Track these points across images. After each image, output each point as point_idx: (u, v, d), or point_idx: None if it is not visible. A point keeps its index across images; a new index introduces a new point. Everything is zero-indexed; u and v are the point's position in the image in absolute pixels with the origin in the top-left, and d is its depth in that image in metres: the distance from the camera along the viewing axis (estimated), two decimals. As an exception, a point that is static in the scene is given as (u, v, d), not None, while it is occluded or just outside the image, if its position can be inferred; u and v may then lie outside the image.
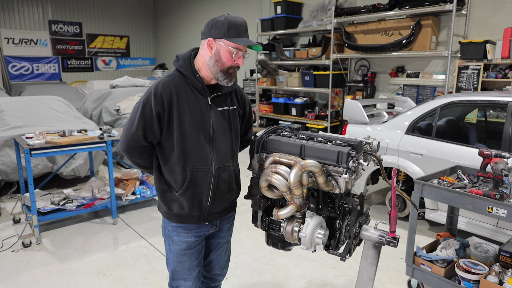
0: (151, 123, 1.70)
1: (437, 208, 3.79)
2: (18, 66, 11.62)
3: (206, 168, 1.76)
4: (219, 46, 1.69)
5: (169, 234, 1.89)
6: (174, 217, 1.84)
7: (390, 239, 1.64)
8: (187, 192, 1.76)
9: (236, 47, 1.68)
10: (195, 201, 1.78)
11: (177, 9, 12.58)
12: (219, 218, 1.93)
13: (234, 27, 1.68)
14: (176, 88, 1.72)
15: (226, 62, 1.70)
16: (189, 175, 1.74)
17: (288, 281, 3.13)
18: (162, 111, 1.70)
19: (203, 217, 1.84)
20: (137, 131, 1.72)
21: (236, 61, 1.72)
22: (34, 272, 3.23)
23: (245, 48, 1.72)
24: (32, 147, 3.61)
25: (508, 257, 2.50)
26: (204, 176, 1.76)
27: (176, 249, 1.88)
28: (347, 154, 1.56)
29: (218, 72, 1.72)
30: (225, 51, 1.69)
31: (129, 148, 1.77)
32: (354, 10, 6.50)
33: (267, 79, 8.24)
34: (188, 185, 1.75)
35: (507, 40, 4.79)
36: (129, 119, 1.77)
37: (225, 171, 1.83)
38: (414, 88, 6.25)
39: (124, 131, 1.79)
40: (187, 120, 1.72)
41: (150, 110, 1.69)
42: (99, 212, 4.51)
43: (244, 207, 4.23)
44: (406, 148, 3.95)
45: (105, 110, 6.89)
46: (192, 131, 1.72)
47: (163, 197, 1.84)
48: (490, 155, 2.58)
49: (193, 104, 1.73)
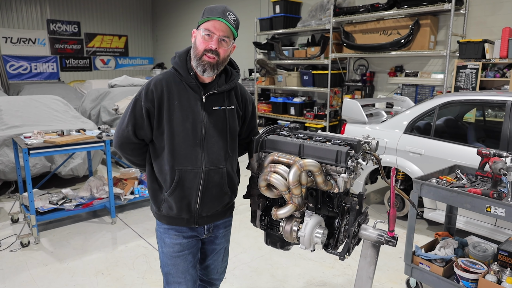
0: (141, 119, 1.69)
1: (436, 208, 3.79)
2: (16, 65, 11.59)
3: (195, 169, 1.70)
4: (197, 33, 1.67)
5: (161, 236, 1.85)
6: (164, 218, 1.80)
7: (389, 239, 1.64)
8: (175, 193, 1.71)
9: (206, 27, 1.63)
10: (184, 203, 1.73)
11: (175, 8, 12.56)
12: (211, 222, 1.86)
13: (208, 11, 1.65)
14: (168, 85, 1.69)
15: (199, 46, 1.64)
16: (178, 175, 1.69)
17: (287, 281, 3.13)
18: (151, 107, 1.67)
19: (193, 219, 1.78)
20: (127, 127, 1.71)
21: (209, 44, 1.62)
22: (33, 272, 3.22)
23: (220, 31, 1.62)
24: (31, 146, 3.60)
25: (506, 256, 2.51)
26: (193, 177, 1.70)
27: (169, 251, 1.82)
28: (346, 154, 1.56)
29: (194, 59, 1.67)
30: (199, 35, 1.65)
31: (121, 144, 1.77)
32: (352, 9, 6.50)
33: (266, 79, 8.24)
34: (176, 185, 1.70)
35: (505, 39, 4.79)
36: (123, 115, 1.76)
37: (217, 173, 1.75)
38: (413, 88, 6.26)
39: (117, 126, 1.79)
40: (177, 119, 1.67)
41: (140, 106, 1.68)
42: (97, 211, 4.50)
43: (242, 207, 4.22)
44: (404, 148, 3.95)
45: (104, 110, 6.87)
46: (182, 130, 1.68)
47: (153, 197, 1.80)
48: (488, 155, 2.59)
49: (185, 102, 1.69)
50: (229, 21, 1.63)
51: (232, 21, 1.65)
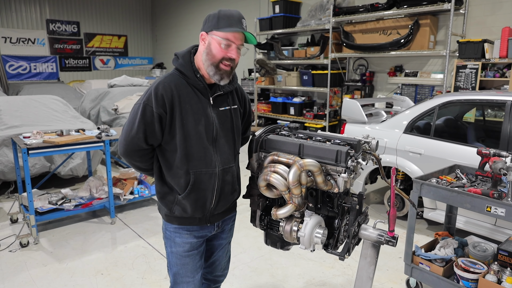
0: (152, 125, 1.64)
1: (436, 207, 3.79)
2: (15, 65, 11.58)
3: (210, 170, 1.71)
4: (210, 38, 1.64)
5: (170, 236, 1.82)
6: (175, 220, 1.78)
7: (389, 238, 1.64)
8: (191, 195, 1.70)
9: (226, 37, 1.61)
10: (199, 204, 1.73)
11: (175, 8, 12.55)
12: (221, 219, 1.88)
13: (225, 17, 1.62)
14: (178, 89, 1.65)
15: (217, 54, 1.63)
16: (193, 178, 1.69)
17: (286, 281, 3.12)
18: (163, 113, 1.63)
19: (206, 218, 1.80)
20: (138, 134, 1.64)
21: (228, 53, 1.63)
22: (32, 272, 3.22)
23: (239, 40, 1.63)
24: (30, 146, 3.60)
25: (506, 256, 2.51)
26: (208, 179, 1.71)
27: (179, 251, 1.81)
28: (346, 153, 1.56)
29: (209, 66, 1.65)
30: (215, 42, 1.62)
31: (129, 152, 1.71)
32: (352, 9, 6.50)
33: (266, 79, 8.24)
34: (192, 188, 1.69)
35: (505, 39, 4.79)
36: (128, 122, 1.69)
37: (228, 172, 1.78)
38: (413, 87, 6.26)
39: (123, 134, 1.71)
40: (190, 122, 1.66)
41: (151, 112, 1.62)
42: (97, 211, 4.50)
43: (242, 207, 4.19)
44: (404, 147, 3.95)
45: (103, 110, 6.87)
46: (195, 133, 1.67)
47: (164, 200, 1.77)
48: (488, 154, 2.58)
49: (195, 105, 1.67)
50: (245, 29, 1.65)
51: (245, 27, 1.66)
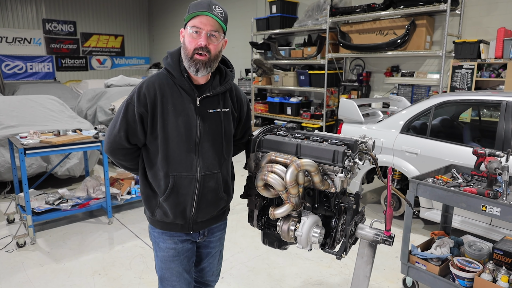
0: (134, 124, 1.61)
1: (432, 207, 3.81)
2: (11, 65, 11.53)
3: (190, 175, 1.64)
4: (185, 32, 1.60)
5: (155, 240, 1.80)
6: (158, 224, 1.75)
7: (386, 238, 1.65)
8: (170, 199, 1.66)
9: (193, 25, 1.55)
10: (178, 209, 1.68)
11: (172, 8, 12.53)
12: (206, 227, 1.82)
13: (193, 6, 1.56)
14: (161, 88, 1.61)
15: (189, 45, 1.57)
16: (172, 181, 1.64)
17: (284, 280, 3.13)
18: (145, 112, 1.60)
19: (188, 226, 1.73)
20: (119, 132, 1.63)
21: (198, 41, 1.55)
22: (29, 272, 3.21)
23: (208, 26, 1.54)
24: (27, 146, 3.59)
25: (501, 255, 2.53)
26: (188, 184, 1.65)
27: (164, 255, 1.78)
28: (342, 153, 1.57)
29: (186, 60, 1.59)
30: (187, 34, 1.58)
31: (112, 150, 1.69)
32: (349, 9, 6.52)
33: (263, 79, 8.25)
34: (171, 192, 1.65)
35: (501, 40, 4.82)
36: (113, 119, 1.68)
37: (212, 178, 1.70)
38: (409, 88, 6.28)
39: (107, 131, 1.70)
40: (171, 123, 1.61)
41: (133, 111, 1.60)
42: (94, 212, 4.49)
43: (240, 206, 4.23)
44: (401, 147, 3.97)
45: (100, 110, 6.85)
46: (176, 135, 1.61)
47: (147, 202, 1.75)
48: (484, 154, 2.60)
49: (179, 106, 1.61)
50: (216, 15, 1.54)
51: (219, 14, 1.56)
